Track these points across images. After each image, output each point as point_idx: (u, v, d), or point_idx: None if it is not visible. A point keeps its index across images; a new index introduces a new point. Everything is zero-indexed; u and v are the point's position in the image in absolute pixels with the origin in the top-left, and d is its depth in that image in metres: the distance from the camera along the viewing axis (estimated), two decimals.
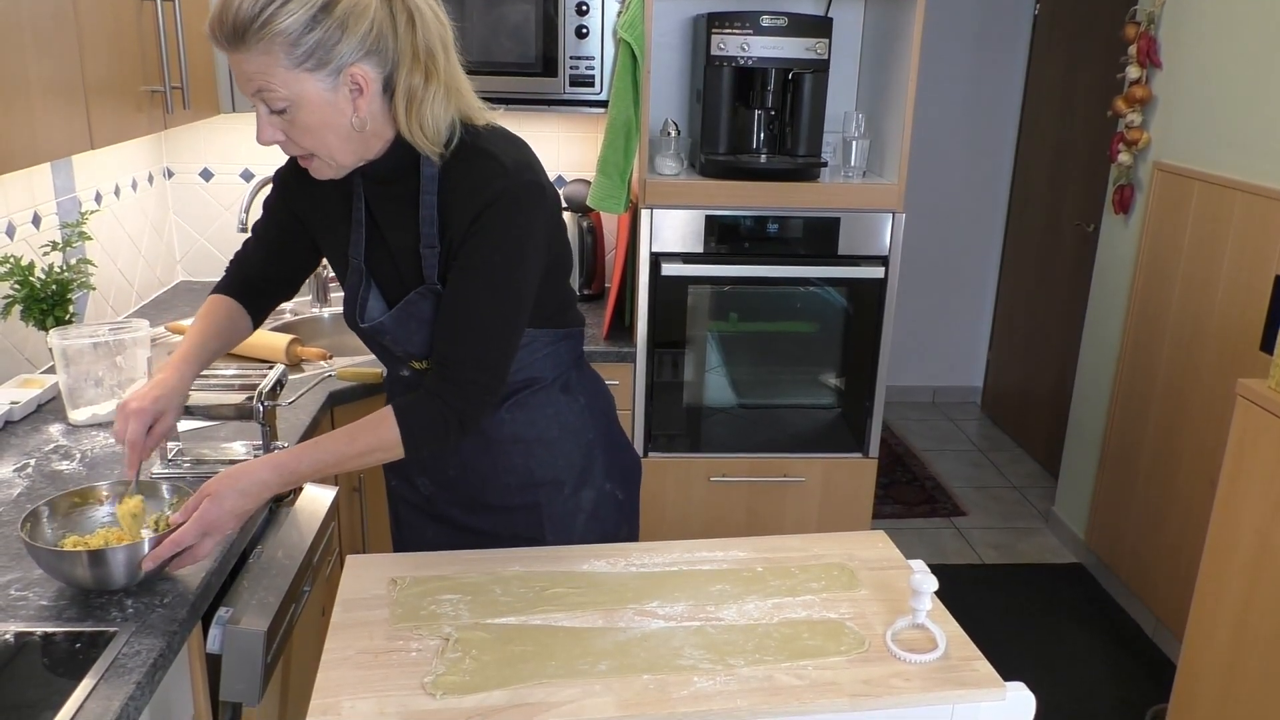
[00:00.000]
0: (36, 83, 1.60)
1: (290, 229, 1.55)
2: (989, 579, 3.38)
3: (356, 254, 1.45)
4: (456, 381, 1.35)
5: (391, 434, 1.33)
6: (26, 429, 1.82)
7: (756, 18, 2.57)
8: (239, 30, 1.21)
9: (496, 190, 1.32)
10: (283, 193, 1.54)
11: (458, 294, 1.35)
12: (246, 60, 1.23)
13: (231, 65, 1.26)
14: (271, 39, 1.20)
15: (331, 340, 2.70)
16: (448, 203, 1.35)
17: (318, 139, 1.29)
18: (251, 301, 1.60)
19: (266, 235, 1.58)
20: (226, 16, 1.21)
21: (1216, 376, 2.73)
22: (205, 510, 1.27)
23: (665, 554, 1.43)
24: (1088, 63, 3.90)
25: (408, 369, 1.51)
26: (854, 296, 2.71)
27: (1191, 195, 2.87)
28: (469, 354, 1.35)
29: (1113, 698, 2.76)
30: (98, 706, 1.09)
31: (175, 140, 2.85)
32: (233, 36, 1.22)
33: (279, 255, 1.59)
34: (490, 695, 1.11)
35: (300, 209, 1.52)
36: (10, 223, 2.05)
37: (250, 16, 1.20)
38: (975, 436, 4.66)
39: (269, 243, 1.58)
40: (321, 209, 1.49)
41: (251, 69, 1.23)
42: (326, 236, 1.51)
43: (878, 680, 1.17)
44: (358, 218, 1.44)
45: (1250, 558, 2.00)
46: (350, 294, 1.47)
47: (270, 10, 1.19)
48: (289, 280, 1.63)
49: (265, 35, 1.20)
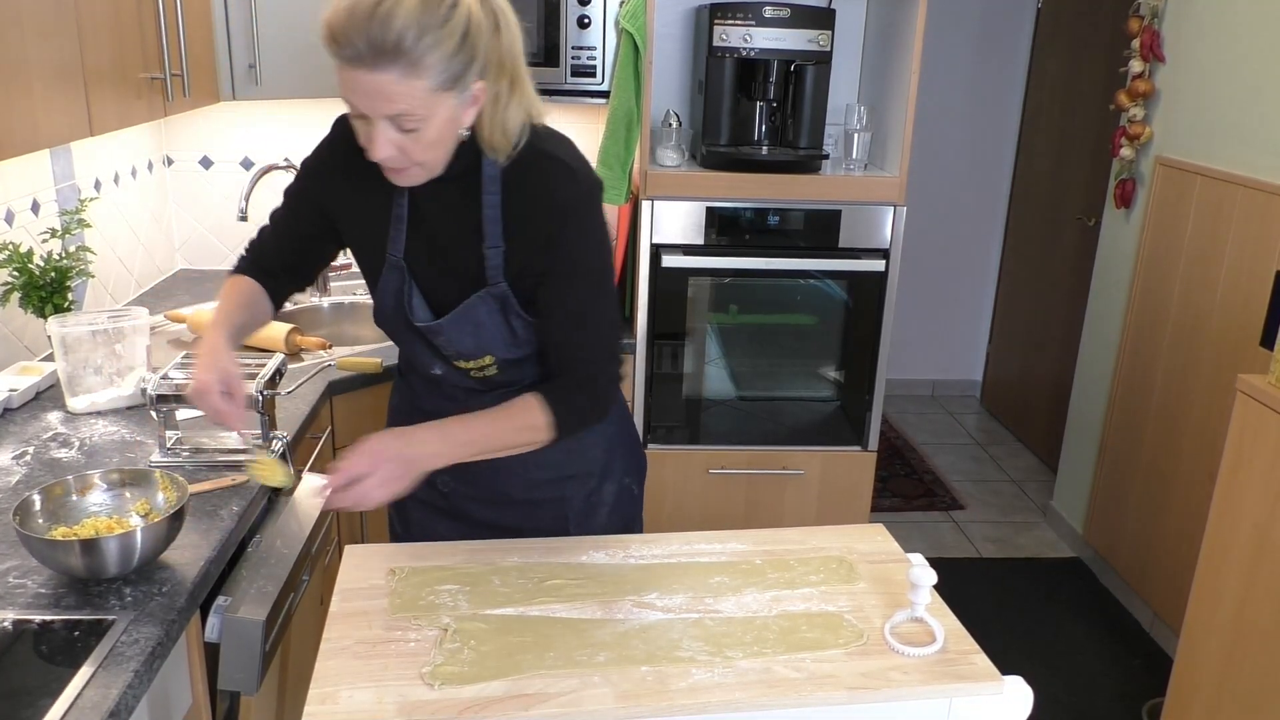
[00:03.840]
0: (36, 69, 1.59)
1: (314, 221, 1.50)
2: (987, 573, 3.38)
3: (396, 251, 1.42)
4: (592, 374, 1.43)
5: (542, 419, 1.38)
6: (25, 416, 1.82)
7: (759, 9, 2.56)
8: (387, 51, 1.16)
9: (574, 196, 1.36)
10: (312, 184, 1.49)
11: (569, 297, 1.40)
12: (384, 81, 1.18)
13: (356, 83, 1.20)
14: (423, 64, 1.18)
15: (331, 330, 2.70)
16: (512, 203, 1.36)
17: (434, 152, 1.28)
18: (270, 287, 1.56)
19: (288, 226, 1.54)
20: (374, 35, 1.15)
21: (1216, 371, 2.73)
22: (371, 446, 1.28)
23: (664, 546, 1.43)
24: (1090, 56, 3.89)
25: (441, 366, 1.49)
26: (854, 289, 2.71)
27: (1193, 190, 2.86)
28: (599, 348, 1.44)
29: (1110, 691, 2.77)
30: (96, 695, 1.09)
31: (175, 128, 2.84)
32: (378, 56, 1.17)
33: (300, 246, 1.55)
34: (488, 686, 1.11)
35: (331, 203, 1.48)
36: (9, 209, 2.04)
37: (407, 40, 1.16)
38: (974, 430, 4.66)
39: (290, 233, 1.54)
40: (356, 204, 1.45)
41: (392, 90, 1.19)
42: (356, 231, 1.48)
43: (876, 673, 1.17)
44: (399, 214, 1.41)
45: (1249, 553, 2.00)
46: (389, 291, 1.44)
47: (429, 36, 1.16)
48: (306, 273, 1.60)
49: (418, 59, 1.17)
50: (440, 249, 1.42)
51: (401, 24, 1.16)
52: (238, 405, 1.35)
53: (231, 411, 1.34)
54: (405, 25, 1.16)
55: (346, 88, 1.22)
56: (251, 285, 1.53)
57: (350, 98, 1.23)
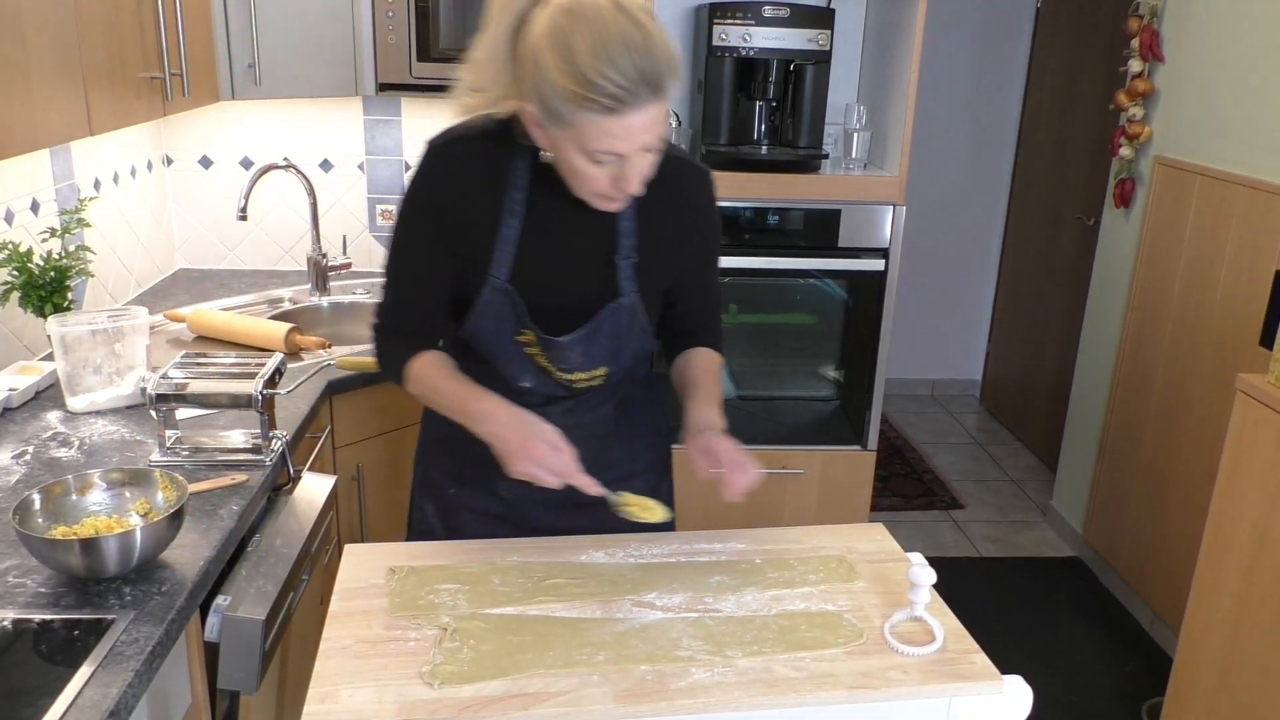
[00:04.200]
0: (35, 68, 1.59)
1: (445, 262, 1.41)
2: (987, 572, 3.38)
3: (500, 272, 1.38)
4: (720, 332, 1.60)
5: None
6: (25, 416, 1.82)
7: (758, 8, 2.57)
8: (663, 82, 1.17)
9: (708, 190, 1.46)
10: (430, 226, 1.40)
11: (709, 278, 1.55)
12: (657, 112, 1.20)
13: (628, 124, 1.18)
14: (673, 85, 1.20)
15: (330, 329, 2.70)
16: (649, 211, 1.38)
17: (652, 169, 1.28)
18: (440, 346, 1.48)
19: (429, 280, 1.43)
20: (650, 69, 1.16)
21: (1216, 371, 2.73)
22: (708, 444, 1.37)
23: (663, 545, 1.43)
24: (1090, 56, 3.89)
25: (534, 379, 1.47)
26: (854, 289, 2.71)
27: (1193, 189, 2.86)
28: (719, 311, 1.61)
29: (1109, 691, 2.77)
30: (95, 694, 1.09)
31: (174, 127, 2.84)
32: (655, 89, 1.17)
33: (445, 293, 1.44)
34: (488, 685, 1.11)
35: (446, 236, 1.39)
36: (9, 209, 2.04)
37: (673, 65, 1.18)
38: (974, 429, 4.66)
39: (433, 284, 1.43)
40: (462, 231, 1.38)
41: (659, 118, 1.20)
42: (461, 258, 1.41)
43: (875, 672, 1.17)
44: (506, 235, 1.37)
45: (1248, 552, 2.00)
46: (489, 313, 1.41)
47: (678, 52, 1.19)
48: (449, 316, 1.49)
49: (674, 81, 1.19)
50: (557, 267, 1.40)
51: (664, 51, 1.17)
52: (567, 455, 1.32)
53: (569, 466, 1.31)
54: (667, 52, 1.17)
55: (609, 133, 1.18)
56: (437, 357, 1.46)
57: (611, 143, 1.20)
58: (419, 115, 2.89)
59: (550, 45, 1.16)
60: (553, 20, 1.17)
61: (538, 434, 1.32)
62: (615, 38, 1.15)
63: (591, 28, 1.15)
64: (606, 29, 1.15)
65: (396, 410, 2.30)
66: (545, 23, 1.18)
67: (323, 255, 2.71)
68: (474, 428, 1.38)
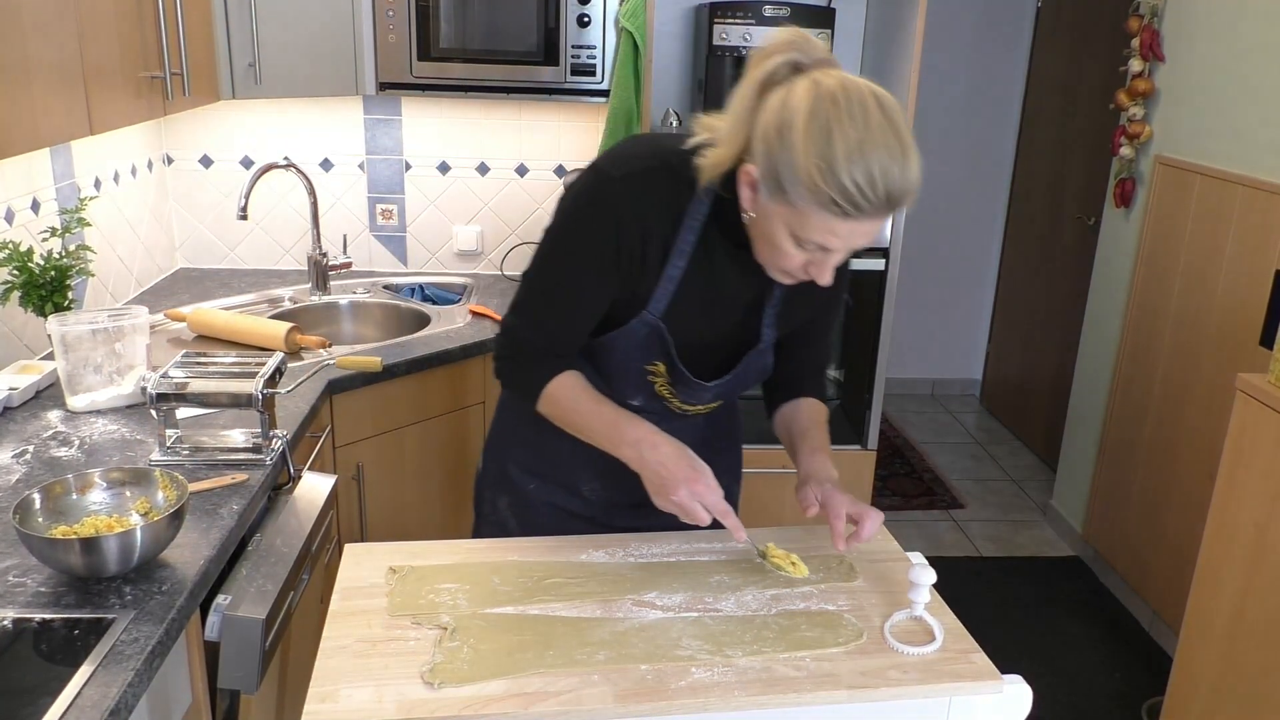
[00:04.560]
0: (36, 68, 1.59)
1: (609, 293, 1.38)
2: (987, 572, 3.38)
3: (656, 308, 1.36)
4: (825, 384, 1.61)
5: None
6: (25, 415, 1.82)
7: (759, 8, 2.56)
8: (911, 197, 1.16)
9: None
10: (612, 254, 1.33)
11: (832, 324, 1.57)
12: (886, 219, 1.19)
13: (855, 229, 1.17)
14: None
15: (330, 328, 2.70)
16: None
17: None
18: (576, 364, 1.46)
19: (588, 305, 1.39)
20: (908, 189, 1.14)
21: (1216, 371, 2.73)
22: (834, 496, 1.39)
23: (663, 544, 1.43)
24: (1090, 56, 3.89)
25: (645, 400, 1.47)
26: (854, 288, 2.71)
27: (1193, 189, 2.86)
28: (828, 362, 1.64)
29: (1109, 690, 2.77)
30: (96, 693, 1.09)
31: (175, 126, 2.84)
32: (904, 205, 1.16)
33: (596, 318, 1.41)
34: (488, 685, 1.11)
35: (624, 269, 1.35)
36: (9, 208, 2.04)
37: (920, 180, 1.15)
38: (974, 429, 4.66)
39: (590, 311, 1.40)
40: (643, 263, 1.34)
41: (883, 222, 1.19)
42: (629, 287, 1.37)
43: (875, 672, 1.17)
44: (671, 274, 1.34)
45: (1248, 552, 2.00)
46: (634, 343, 1.39)
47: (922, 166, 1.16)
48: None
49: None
50: (709, 309, 1.39)
51: (915, 170, 1.14)
52: (721, 493, 1.32)
53: (724, 504, 1.32)
54: (918, 170, 1.15)
55: (831, 230, 1.17)
56: (578, 378, 1.42)
57: (828, 239, 1.18)
58: (419, 115, 2.89)
59: (807, 128, 1.12)
60: (815, 102, 1.13)
61: (699, 469, 1.32)
62: (878, 148, 1.11)
63: (856, 128, 1.11)
64: (870, 135, 1.11)
65: (396, 410, 2.30)
66: (805, 99, 1.13)
67: (323, 254, 2.71)
68: (623, 452, 1.36)
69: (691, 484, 1.30)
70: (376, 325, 2.74)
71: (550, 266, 1.38)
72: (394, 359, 2.23)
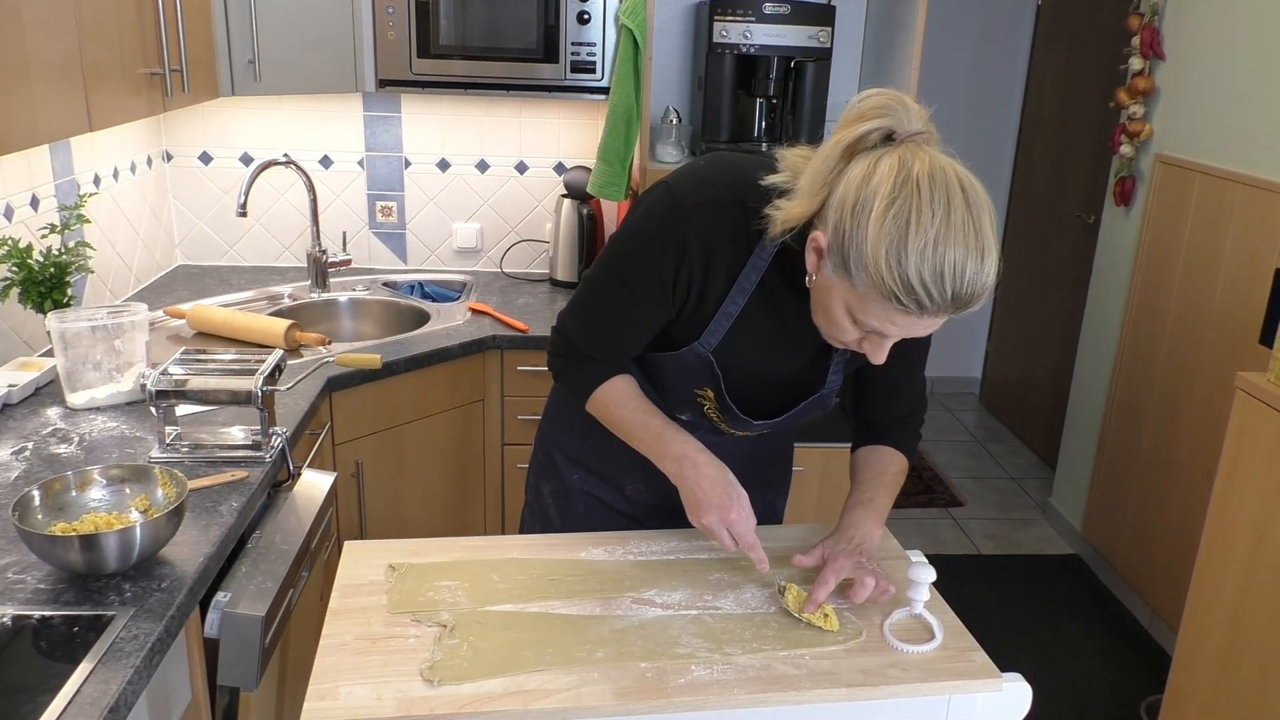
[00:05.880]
0: (35, 64, 1.59)
1: (667, 314, 1.36)
2: (986, 570, 3.38)
3: (708, 342, 1.34)
4: (917, 434, 1.54)
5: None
6: (24, 412, 1.82)
7: (759, 5, 2.56)
8: (980, 301, 1.14)
9: None
10: (677, 279, 1.31)
11: (917, 369, 1.47)
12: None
13: (916, 323, 1.16)
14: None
15: (330, 325, 2.70)
16: None
17: None
18: (628, 369, 1.46)
19: (645, 321, 1.37)
20: (978, 294, 1.12)
21: (1215, 369, 2.73)
22: (850, 555, 1.32)
23: (663, 542, 1.43)
24: (1090, 54, 3.89)
25: (692, 417, 1.45)
26: None
27: (1193, 188, 2.86)
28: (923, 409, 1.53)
29: (1108, 689, 2.77)
30: (95, 690, 1.09)
31: (174, 123, 2.83)
32: (971, 308, 1.14)
33: (652, 334, 1.39)
34: (487, 683, 1.11)
35: (686, 296, 1.33)
36: (8, 205, 2.04)
37: (992, 284, 1.13)
38: (973, 427, 4.66)
39: (647, 328, 1.38)
40: (703, 293, 1.32)
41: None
42: (686, 314, 1.36)
43: (875, 670, 1.17)
44: (729, 310, 1.32)
45: (1247, 550, 2.00)
46: (687, 373, 1.38)
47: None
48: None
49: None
50: (766, 351, 1.36)
51: (989, 275, 1.11)
52: (753, 524, 1.31)
53: (754, 537, 1.31)
54: (991, 275, 1.12)
55: (891, 320, 1.15)
56: (631, 384, 1.43)
57: (886, 327, 1.16)
58: (419, 112, 2.89)
59: (883, 214, 1.06)
60: (898, 187, 1.07)
61: (735, 496, 1.31)
62: (956, 253, 1.07)
63: (936, 228, 1.06)
64: (950, 239, 1.06)
65: (396, 407, 2.30)
66: (889, 181, 1.08)
67: (322, 251, 2.71)
68: (666, 466, 1.36)
69: (724, 511, 1.29)
70: (376, 322, 2.74)
71: (610, 278, 1.37)
72: (393, 356, 2.24)
